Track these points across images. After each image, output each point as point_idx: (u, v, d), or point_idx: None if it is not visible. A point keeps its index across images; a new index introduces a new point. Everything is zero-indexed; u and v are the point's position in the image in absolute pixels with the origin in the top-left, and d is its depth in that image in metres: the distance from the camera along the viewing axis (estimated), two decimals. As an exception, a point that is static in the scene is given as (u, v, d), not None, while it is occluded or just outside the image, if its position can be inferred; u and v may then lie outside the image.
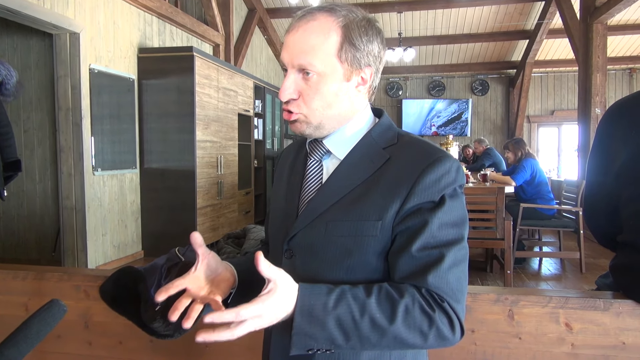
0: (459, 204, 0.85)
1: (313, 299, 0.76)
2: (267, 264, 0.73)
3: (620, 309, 1.31)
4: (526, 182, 4.59)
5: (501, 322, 1.37)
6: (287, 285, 0.75)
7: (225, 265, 0.92)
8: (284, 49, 0.88)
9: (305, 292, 0.76)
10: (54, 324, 0.85)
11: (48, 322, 0.85)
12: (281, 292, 0.74)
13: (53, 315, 0.86)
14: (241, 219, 6.41)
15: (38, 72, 4.70)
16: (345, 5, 0.88)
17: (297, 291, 0.76)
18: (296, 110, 0.89)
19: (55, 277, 1.66)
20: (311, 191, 0.92)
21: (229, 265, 0.93)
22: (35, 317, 0.84)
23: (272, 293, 0.73)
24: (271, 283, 0.73)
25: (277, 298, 0.73)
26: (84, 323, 1.63)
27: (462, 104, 10.65)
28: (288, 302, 0.74)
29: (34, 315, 0.85)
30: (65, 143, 4.19)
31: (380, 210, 0.83)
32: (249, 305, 0.71)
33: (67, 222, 4.24)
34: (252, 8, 8.07)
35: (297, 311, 0.74)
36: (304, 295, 0.76)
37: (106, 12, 4.51)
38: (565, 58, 9.70)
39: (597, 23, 5.70)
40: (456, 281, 0.81)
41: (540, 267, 4.77)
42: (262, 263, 0.72)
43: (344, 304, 0.76)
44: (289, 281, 0.76)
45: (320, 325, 0.75)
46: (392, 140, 0.91)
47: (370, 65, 0.89)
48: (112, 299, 1.52)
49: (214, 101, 5.48)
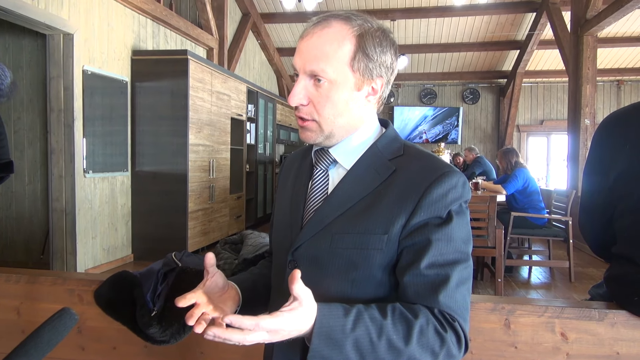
0: (465, 221, 0.85)
1: (332, 320, 0.74)
2: (301, 283, 0.72)
3: (615, 319, 1.33)
4: (518, 192, 4.63)
5: (497, 331, 1.38)
6: (309, 306, 0.73)
7: (231, 284, 0.92)
8: (297, 54, 0.88)
9: (323, 313, 0.74)
10: (65, 333, 0.84)
11: (59, 331, 0.84)
12: (303, 312, 0.72)
13: (64, 324, 0.85)
14: (232, 224, 6.38)
15: (30, 72, 4.66)
16: (362, 15, 0.88)
17: (316, 312, 0.74)
18: (309, 117, 0.88)
19: (48, 280, 1.64)
20: (317, 201, 0.91)
21: (233, 284, 0.93)
22: (47, 325, 0.83)
23: (294, 311, 0.72)
24: (296, 302, 0.72)
25: (297, 317, 0.72)
26: (77, 328, 1.61)
27: (453, 112, 10.73)
28: (306, 322, 0.73)
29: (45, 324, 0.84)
30: (56, 144, 4.15)
31: (387, 224, 0.83)
32: (270, 318, 0.70)
33: (56, 224, 4.19)
34: (247, 13, 8.08)
35: (315, 333, 0.73)
36: (322, 316, 0.74)
37: (101, 13, 4.49)
38: (555, 69, 9.83)
39: (588, 35, 5.79)
40: (462, 299, 0.81)
41: (530, 275, 4.81)
42: (298, 282, 0.71)
43: (362, 326, 0.75)
44: (312, 302, 0.74)
45: (338, 348, 0.74)
46: (398, 151, 0.91)
47: (382, 76, 0.89)
48: (107, 303, 1.51)
49: (207, 105, 5.46)
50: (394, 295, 0.86)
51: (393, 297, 0.86)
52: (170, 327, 1.36)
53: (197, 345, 1.53)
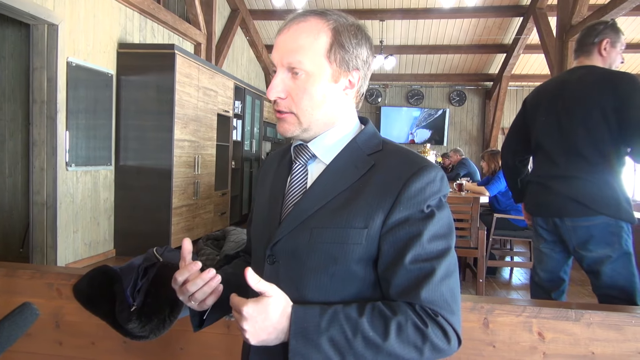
0: (446, 214, 0.86)
1: (307, 320, 0.76)
2: (257, 278, 0.75)
3: (591, 319, 1.35)
4: (501, 193, 4.68)
5: (476, 330, 1.39)
6: (278, 298, 0.77)
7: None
8: (275, 49, 0.89)
9: (298, 315, 0.77)
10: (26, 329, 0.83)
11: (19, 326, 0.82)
12: (271, 302, 0.76)
13: (25, 319, 0.84)
14: (217, 220, 6.35)
15: (13, 62, 4.57)
16: (337, 12, 0.90)
17: (291, 313, 0.77)
18: (286, 109, 0.89)
19: (27, 274, 1.62)
20: (296, 196, 0.91)
21: None
22: (6, 321, 0.82)
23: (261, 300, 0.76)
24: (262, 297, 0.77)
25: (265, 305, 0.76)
26: (55, 322, 1.59)
27: (439, 114, 10.81)
28: (275, 314, 0.76)
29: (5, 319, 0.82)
30: (38, 137, 4.08)
31: (367, 218, 0.83)
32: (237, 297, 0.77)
33: (37, 217, 4.12)
34: (236, 8, 8.04)
35: (292, 334, 0.75)
36: (297, 317, 0.76)
37: (87, 4, 4.42)
38: (541, 73, 9.95)
39: (573, 41, 5.85)
40: (449, 292, 0.81)
41: (511, 276, 4.87)
42: (252, 278, 0.75)
43: (336, 324, 0.76)
44: (280, 294, 0.77)
45: (314, 346, 0.75)
46: (377, 147, 0.92)
47: (358, 69, 0.90)
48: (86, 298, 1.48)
49: (194, 100, 5.42)
50: (374, 291, 0.86)
51: (373, 293, 0.86)
52: (149, 322, 1.35)
53: (177, 342, 1.52)
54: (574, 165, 2.06)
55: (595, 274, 2.06)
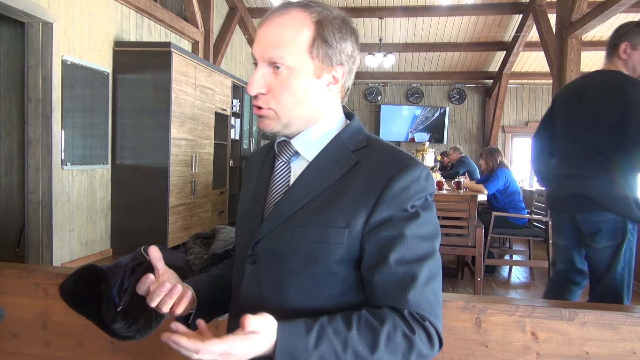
0: (432, 215, 0.84)
1: (293, 340, 0.71)
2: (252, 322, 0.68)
3: (585, 319, 1.32)
4: (499, 192, 4.65)
5: (469, 329, 1.37)
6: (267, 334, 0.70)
7: (185, 286, 0.89)
8: (256, 42, 0.86)
9: (284, 333, 0.71)
10: None
11: None
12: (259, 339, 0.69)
13: None
14: (214, 219, 6.33)
15: (8, 61, 4.56)
16: (321, 3, 0.86)
17: (276, 332, 0.71)
18: (265, 105, 0.85)
19: (13, 273, 1.59)
20: (278, 194, 0.89)
21: (188, 287, 0.89)
22: None
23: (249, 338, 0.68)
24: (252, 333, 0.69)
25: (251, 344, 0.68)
26: (41, 322, 1.57)
27: (439, 112, 10.77)
28: (263, 346, 0.70)
29: None
30: (33, 135, 4.06)
31: (349, 217, 0.81)
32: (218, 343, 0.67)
33: (32, 217, 4.10)
34: (234, 7, 8.01)
35: (278, 355, 0.70)
36: (283, 336, 0.71)
37: (82, 2, 4.40)
38: (541, 71, 9.91)
39: (572, 38, 5.83)
40: (433, 295, 0.79)
41: (510, 275, 4.84)
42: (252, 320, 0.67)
43: (326, 341, 0.72)
44: (270, 329, 0.70)
45: None
46: (362, 143, 0.89)
47: (342, 64, 0.87)
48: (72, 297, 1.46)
49: (191, 99, 5.40)
50: (356, 292, 0.84)
51: (355, 293, 0.83)
52: (135, 322, 1.33)
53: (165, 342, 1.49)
54: (587, 166, 2.19)
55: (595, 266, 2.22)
